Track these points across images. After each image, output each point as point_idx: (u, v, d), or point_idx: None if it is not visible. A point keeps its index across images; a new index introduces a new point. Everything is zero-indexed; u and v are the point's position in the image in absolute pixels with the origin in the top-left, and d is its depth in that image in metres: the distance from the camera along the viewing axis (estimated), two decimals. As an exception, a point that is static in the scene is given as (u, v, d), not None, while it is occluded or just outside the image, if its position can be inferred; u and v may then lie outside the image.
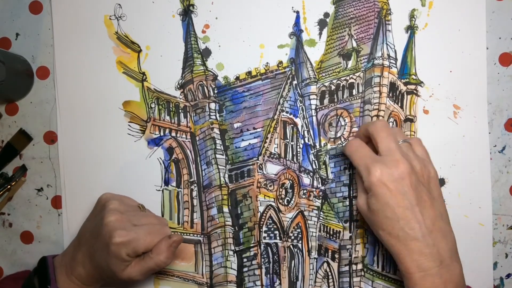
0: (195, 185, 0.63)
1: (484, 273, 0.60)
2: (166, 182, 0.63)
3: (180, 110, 0.64)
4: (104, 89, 0.64)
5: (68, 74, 0.64)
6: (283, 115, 0.63)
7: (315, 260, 0.62)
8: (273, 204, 0.62)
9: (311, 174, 0.62)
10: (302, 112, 0.63)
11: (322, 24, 0.62)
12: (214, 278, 0.62)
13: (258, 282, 0.62)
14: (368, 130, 0.54)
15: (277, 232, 0.62)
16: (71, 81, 0.64)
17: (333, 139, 0.62)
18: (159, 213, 0.63)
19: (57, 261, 0.57)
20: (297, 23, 0.62)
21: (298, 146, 0.62)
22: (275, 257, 0.62)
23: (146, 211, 0.59)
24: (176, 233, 0.60)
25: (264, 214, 0.62)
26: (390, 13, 0.61)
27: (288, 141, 0.63)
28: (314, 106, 0.63)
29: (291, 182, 0.62)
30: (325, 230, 0.62)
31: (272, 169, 0.63)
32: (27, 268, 0.64)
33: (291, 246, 0.62)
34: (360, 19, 0.62)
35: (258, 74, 0.63)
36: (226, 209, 0.63)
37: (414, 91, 0.61)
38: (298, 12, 0.62)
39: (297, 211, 0.62)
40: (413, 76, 0.61)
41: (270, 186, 0.62)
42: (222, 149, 0.63)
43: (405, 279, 0.50)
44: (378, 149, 0.52)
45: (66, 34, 0.64)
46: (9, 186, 0.64)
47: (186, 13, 0.63)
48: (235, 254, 0.62)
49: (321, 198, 0.62)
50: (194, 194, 0.63)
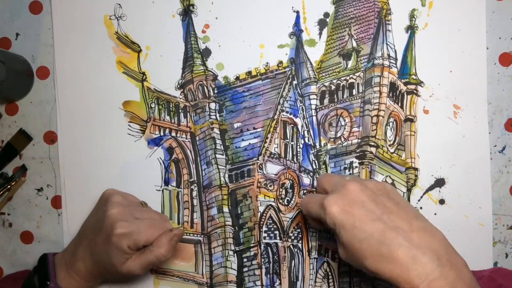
0: (195, 185, 0.63)
1: (484, 273, 0.60)
2: (166, 182, 0.63)
3: (180, 110, 0.64)
4: (104, 89, 0.64)
5: (68, 74, 0.64)
6: (283, 115, 0.63)
7: (315, 260, 0.62)
8: (273, 204, 0.62)
9: (311, 174, 0.62)
10: (302, 112, 0.63)
11: (322, 24, 0.62)
12: (214, 278, 0.62)
13: (258, 282, 0.62)
14: (317, 184, 0.53)
15: (277, 232, 0.62)
16: (71, 81, 0.64)
17: (333, 139, 0.62)
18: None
19: (57, 258, 0.57)
20: (297, 23, 0.62)
21: (298, 146, 0.62)
22: (275, 257, 0.62)
23: (148, 208, 0.59)
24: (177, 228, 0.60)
25: (264, 214, 0.62)
26: (390, 13, 0.61)
27: (288, 141, 0.63)
28: (314, 106, 0.63)
29: (291, 182, 0.62)
30: (325, 230, 0.62)
31: (272, 169, 0.63)
32: (27, 268, 0.64)
33: (291, 246, 0.62)
34: (360, 19, 0.62)
35: (258, 74, 0.63)
36: (226, 209, 0.62)
37: (414, 91, 0.61)
38: (298, 12, 0.62)
39: (297, 211, 0.62)
40: (413, 76, 0.61)
41: (270, 186, 0.62)
42: (222, 149, 0.63)
43: None
44: (328, 190, 0.51)
45: (66, 34, 0.64)
46: (9, 186, 0.64)
47: (186, 13, 0.63)
48: (235, 254, 0.62)
49: (321, 198, 0.62)
50: (194, 194, 0.63)
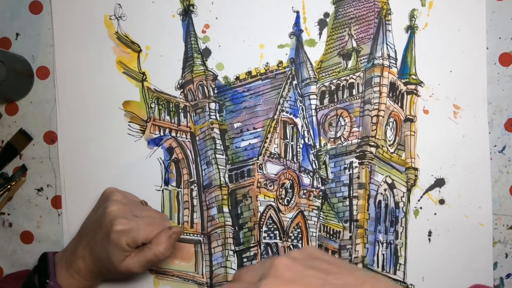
0: (195, 185, 0.63)
1: (484, 273, 0.60)
2: (166, 182, 0.63)
3: (180, 110, 0.64)
4: (104, 89, 0.64)
5: (68, 74, 0.64)
6: (283, 115, 0.63)
7: (315, 260, 0.62)
8: (273, 204, 0.62)
9: (311, 174, 0.62)
10: (302, 112, 0.63)
11: (322, 24, 0.62)
12: (214, 278, 0.62)
13: (258, 282, 0.62)
14: (237, 279, 0.42)
15: (277, 232, 0.62)
16: (71, 81, 0.64)
17: (333, 139, 0.62)
18: (159, 213, 0.63)
19: (57, 257, 0.57)
20: (297, 23, 0.62)
21: (298, 146, 0.62)
22: (275, 257, 0.62)
23: (148, 206, 0.59)
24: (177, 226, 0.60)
25: (264, 214, 0.62)
26: (390, 13, 0.61)
27: (288, 141, 0.63)
28: (314, 106, 0.63)
29: (291, 182, 0.62)
30: (325, 230, 0.62)
31: (272, 169, 0.63)
32: (27, 268, 0.64)
33: (291, 246, 0.62)
34: (360, 19, 0.62)
35: (258, 74, 0.63)
36: (226, 209, 0.62)
37: (414, 91, 0.61)
38: (298, 12, 0.62)
39: (297, 211, 0.62)
40: (413, 76, 0.61)
41: (270, 186, 0.62)
42: (222, 149, 0.63)
43: None
44: (254, 280, 0.39)
45: (66, 34, 0.64)
46: (9, 186, 0.64)
47: (186, 13, 0.63)
48: (235, 254, 0.62)
49: (321, 198, 0.62)
50: (194, 194, 0.63)
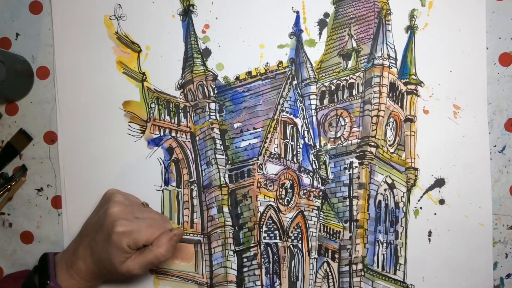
0: (195, 185, 0.63)
1: (484, 273, 0.60)
2: (166, 182, 0.63)
3: (180, 110, 0.64)
4: (104, 89, 0.64)
5: (68, 74, 0.64)
6: (283, 115, 0.63)
7: (315, 260, 0.62)
8: (273, 204, 0.62)
9: (311, 174, 0.62)
10: (302, 112, 0.63)
11: (322, 24, 0.62)
12: (214, 278, 0.62)
13: (258, 282, 0.62)
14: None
15: (277, 232, 0.62)
16: (71, 81, 0.64)
17: (333, 139, 0.62)
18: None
19: (58, 257, 0.57)
20: (297, 23, 0.62)
21: (298, 146, 0.62)
22: (275, 257, 0.62)
23: (149, 208, 0.59)
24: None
25: (264, 214, 0.62)
26: (390, 13, 0.61)
27: (288, 141, 0.63)
28: (314, 106, 0.63)
29: (291, 182, 0.62)
30: (325, 230, 0.62)
31: (272, 169, 0.63)
32: (27, 268, 0.64)
33: (291, 246, 0.62)
34: (360, 19, 0.62)
35: (258, 74, 0.63)
36: (226, 209, 0.62)
37: (414, 91, 0.61)
38: (298, 12, 0.62)
39: (297, 211, 0.62)
40: (413, 76, 0.61)
41: (270, 186, 0.62)
42: (222, 149, 0.63)
43: None
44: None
45: (66, 34, 0.64)
46: (9, 186, 0.64)
47: (186, 13, 0.63)
48: (235, 254, 0.62)
49: (321, 198, 0.62)
50: (194, 194, 0.63)
